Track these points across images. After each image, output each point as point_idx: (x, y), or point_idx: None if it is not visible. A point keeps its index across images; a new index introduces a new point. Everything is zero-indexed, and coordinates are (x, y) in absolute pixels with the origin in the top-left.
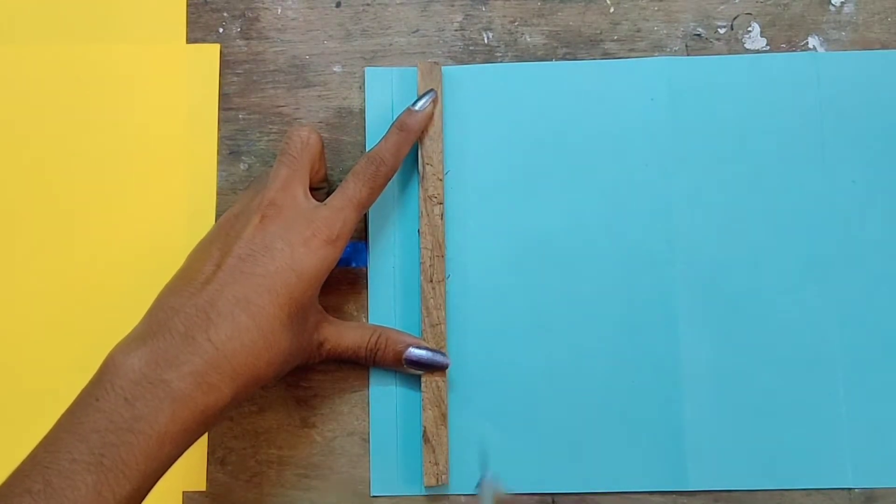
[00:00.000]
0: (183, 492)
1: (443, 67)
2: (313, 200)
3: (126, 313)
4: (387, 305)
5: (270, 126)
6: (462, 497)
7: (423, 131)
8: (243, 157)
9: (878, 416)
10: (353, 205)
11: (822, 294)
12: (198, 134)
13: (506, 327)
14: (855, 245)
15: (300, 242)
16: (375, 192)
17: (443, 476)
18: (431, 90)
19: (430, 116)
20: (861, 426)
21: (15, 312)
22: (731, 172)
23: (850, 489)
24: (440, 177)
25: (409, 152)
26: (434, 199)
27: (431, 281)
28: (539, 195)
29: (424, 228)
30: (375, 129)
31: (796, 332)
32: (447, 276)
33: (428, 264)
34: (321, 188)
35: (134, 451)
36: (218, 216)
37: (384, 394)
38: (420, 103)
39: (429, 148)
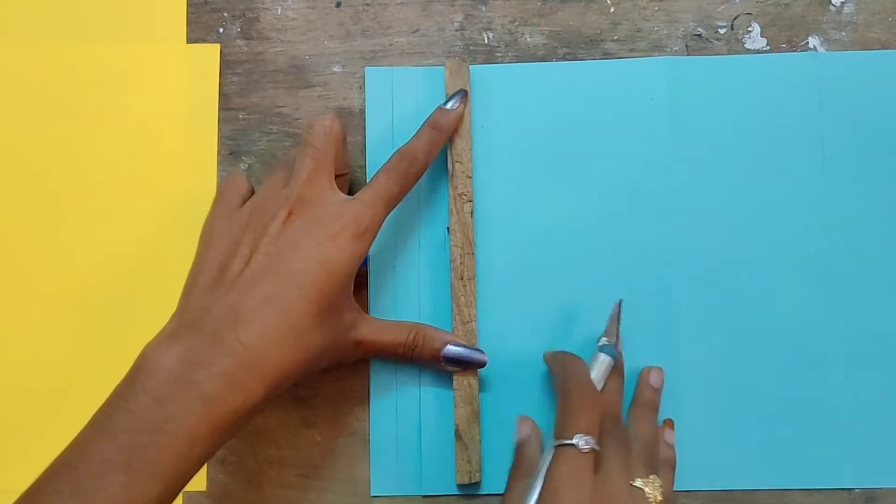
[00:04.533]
0: (183, 492)
1: (442, 68)
2: (340, 193)
3: (125, 312)
4: (387, 304)
5: (270, 126)
6: (461, 498)
7: (454, 129)
8: (243, 157)
9: (878, 416)
10: (382, 201)
11: (822, 294)
12: (198, 134)
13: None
14: (855, 245)
15: (328, 238)
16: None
17: (475, 474)
18: (462, 90)
19: (462, 115)
20: (861, 426)
21: (14, 312)
22: (732, 172)
23: (850, 489)
24: (469, 174)
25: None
26: (464, 197)
27: (462, 278)
28: (537, 195)
29: (454, 226)
30: (375, 129)
31: (796, 332)
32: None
33: (458, 262)
34: (343, 174)
35: (163, 451)
36: None
37: (384, 394)
38: (451, 102)
39: (458, 146)
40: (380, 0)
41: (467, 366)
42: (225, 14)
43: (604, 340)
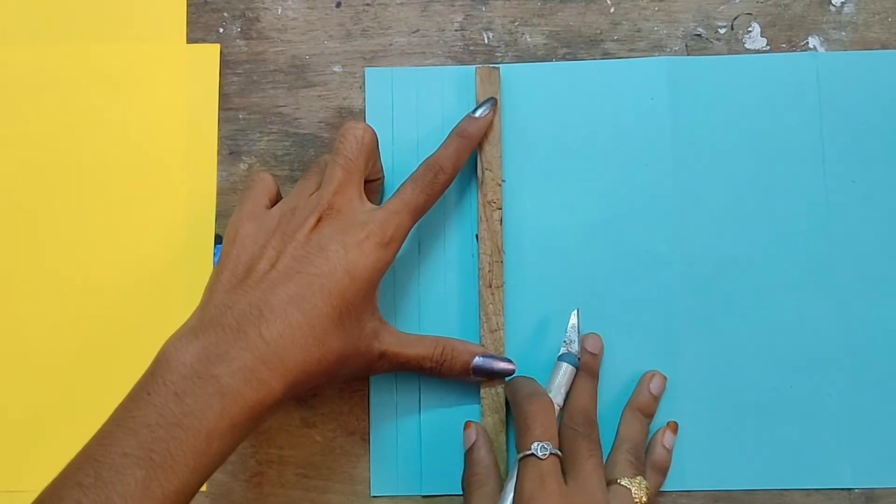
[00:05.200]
0: None
1: (448, 68)
2: (368, 203)
3: (125, 312)
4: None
5: (270, 126)
6: (461, 498)
7: (482, 137)
8: (243, 157)
9: (878, 416)
10: (408, 209)
11: (821, 294)
12: (198, 134)
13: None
14: (855, 245)
15: (354, 244)
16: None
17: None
18: (492, 98)
19: (490, 123)
20: (861, 426)
21: (15, 312)
22: (732, 172)
23: (850, 489)
24: (499, 182)
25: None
26: (493, 204)
27: (490, 286)
28: (537, 195)
29: (483, 233)
30: (376, 130)
31: (796, 332)
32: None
33: (487, 269)
34: (375, 180)
35: (182, 446)
36: (218, 216)
37: (384, 394)
38: (480, 110)
39: (488, 153)
40: (380, 0)
41: (496, 375)
42: (225, 14)
43: (563, 350)
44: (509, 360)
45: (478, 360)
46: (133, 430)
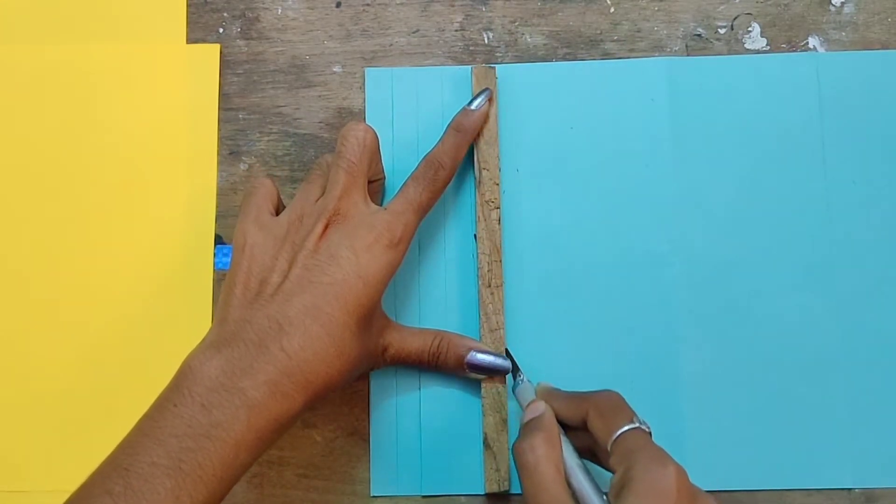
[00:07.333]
0: None
1: (448, 68)
2: (373, 205)
3: (125, 312)
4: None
5: (270, 126)
6: (461, 497)
7: (479, 135)
8: (243, 157)
9: (878, 416)
10: (413, 208)
11: (822, 294)
12: (198, 134)
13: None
14: (855, 245)
15: (364, 248)
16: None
17: (504, 482)
18: (486, 89)
19: (486, 116)
20: (861, 426)
21: (14, 312)
22: (732, 172)
23: (850, 489)
24: (496, 181)
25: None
26: (491, 204)
27: (490, 286)
28: (537, 195)
29: (482, 233)
30: (376, 130)
31: (796, 333)
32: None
33: (486, 269)
34: (377, 180)
35: (211, 457)
36: (218, 216)
37: (384, 394)
38: (476, 102)
39: (485, 152)
40: (380, 0)
41: (492, 373)
42: (225, 14)
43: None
44: (504, 357)
45: (474, 356)
46: (161, 440)
